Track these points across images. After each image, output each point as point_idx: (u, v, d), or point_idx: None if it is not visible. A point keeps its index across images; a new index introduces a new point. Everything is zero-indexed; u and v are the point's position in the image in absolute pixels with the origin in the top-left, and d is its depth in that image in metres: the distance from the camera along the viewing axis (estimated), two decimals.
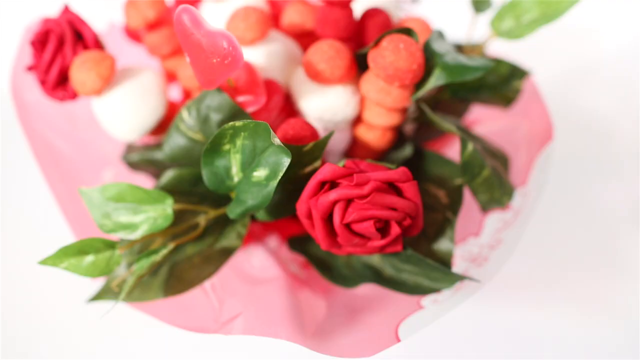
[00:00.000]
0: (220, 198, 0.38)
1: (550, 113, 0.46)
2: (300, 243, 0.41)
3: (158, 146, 0.44)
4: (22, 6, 0.81)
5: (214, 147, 0.31)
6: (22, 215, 0.59)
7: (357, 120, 0.40)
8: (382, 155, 0.42)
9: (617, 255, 0.61)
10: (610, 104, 0.88)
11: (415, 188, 0.32)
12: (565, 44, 0.84)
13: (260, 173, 0.31)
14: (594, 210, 0.70)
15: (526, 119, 0.47)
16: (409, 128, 0.45)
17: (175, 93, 0.49)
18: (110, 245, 0.34)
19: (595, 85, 0.91)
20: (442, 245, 0.37)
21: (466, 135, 0.40)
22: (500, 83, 0.44)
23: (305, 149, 0.32)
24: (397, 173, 0.31)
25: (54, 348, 0.49)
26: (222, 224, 0.38)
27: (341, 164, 0.32)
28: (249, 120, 0.30)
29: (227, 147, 0.31)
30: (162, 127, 0.42)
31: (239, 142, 0.31)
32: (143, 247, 0.37)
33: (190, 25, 0.31)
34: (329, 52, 0.36)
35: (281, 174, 0.30)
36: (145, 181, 0.47)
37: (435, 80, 0.35)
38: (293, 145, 0.32)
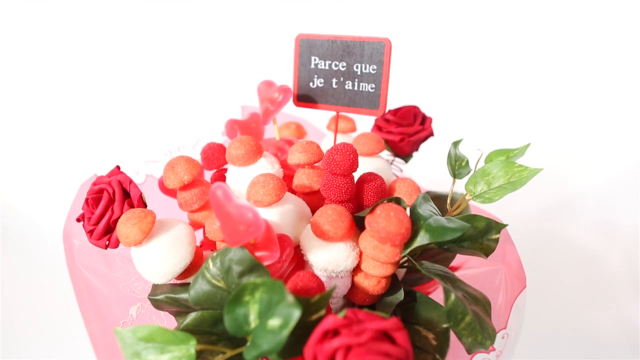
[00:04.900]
0: (236, 337, 0.43)
1: (527, 253, 0.53)
2: None
3: (181, 286, 0.50)
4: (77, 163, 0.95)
5: (236, 298, 0.37)
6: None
7: (357, 269, 0.46)
8: (378, 298, 0.48)
9: None
10: (593, 234, 0.95)
11: (406, 336, 0.37)
12: (550, 180, 0.91)
13: (274, 322, 0.37)
14: (588, 338, 0.73)
15: (504, 264, 0.53)
16: (401, 273, 0.52)
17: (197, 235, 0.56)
18: None
19: (577, 217, 0.99)
20: None
21: (450, 283, 0.46)
22: (479, 236, 0.51)
23: (313, 300, 0.38)
24: (390, 323, 0.37)
25: None
26: None
27: (342, 314, 0.38)
28: (267, 278, 0.36)
29: (247, 298, 0.37)
30: (188, 271, 0.48)
31: (257, 295, 0.37)
32: None
33: (223, 199, 0.39)
34: (332, 216, 0.43)
35: (293, 325, 0.35)
36: (165, 317, 0.52)
37: (421, 239, 0.42)
38: (302, 297, 0.38)
